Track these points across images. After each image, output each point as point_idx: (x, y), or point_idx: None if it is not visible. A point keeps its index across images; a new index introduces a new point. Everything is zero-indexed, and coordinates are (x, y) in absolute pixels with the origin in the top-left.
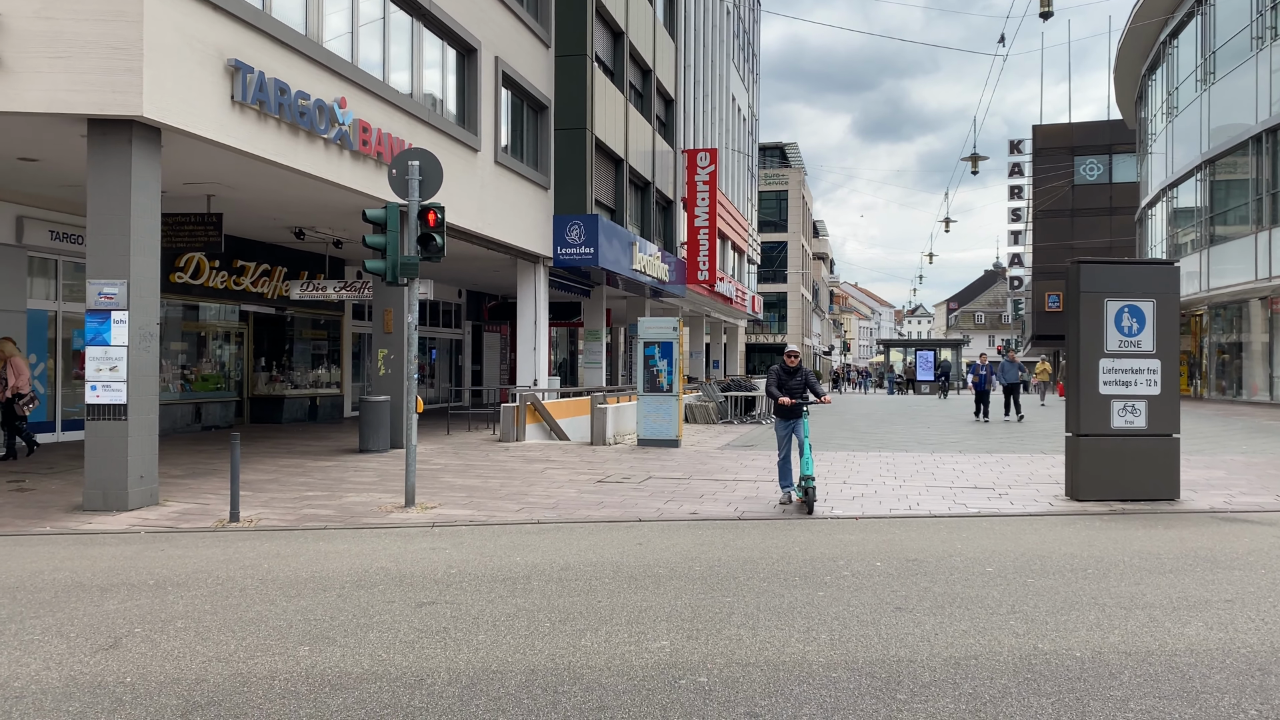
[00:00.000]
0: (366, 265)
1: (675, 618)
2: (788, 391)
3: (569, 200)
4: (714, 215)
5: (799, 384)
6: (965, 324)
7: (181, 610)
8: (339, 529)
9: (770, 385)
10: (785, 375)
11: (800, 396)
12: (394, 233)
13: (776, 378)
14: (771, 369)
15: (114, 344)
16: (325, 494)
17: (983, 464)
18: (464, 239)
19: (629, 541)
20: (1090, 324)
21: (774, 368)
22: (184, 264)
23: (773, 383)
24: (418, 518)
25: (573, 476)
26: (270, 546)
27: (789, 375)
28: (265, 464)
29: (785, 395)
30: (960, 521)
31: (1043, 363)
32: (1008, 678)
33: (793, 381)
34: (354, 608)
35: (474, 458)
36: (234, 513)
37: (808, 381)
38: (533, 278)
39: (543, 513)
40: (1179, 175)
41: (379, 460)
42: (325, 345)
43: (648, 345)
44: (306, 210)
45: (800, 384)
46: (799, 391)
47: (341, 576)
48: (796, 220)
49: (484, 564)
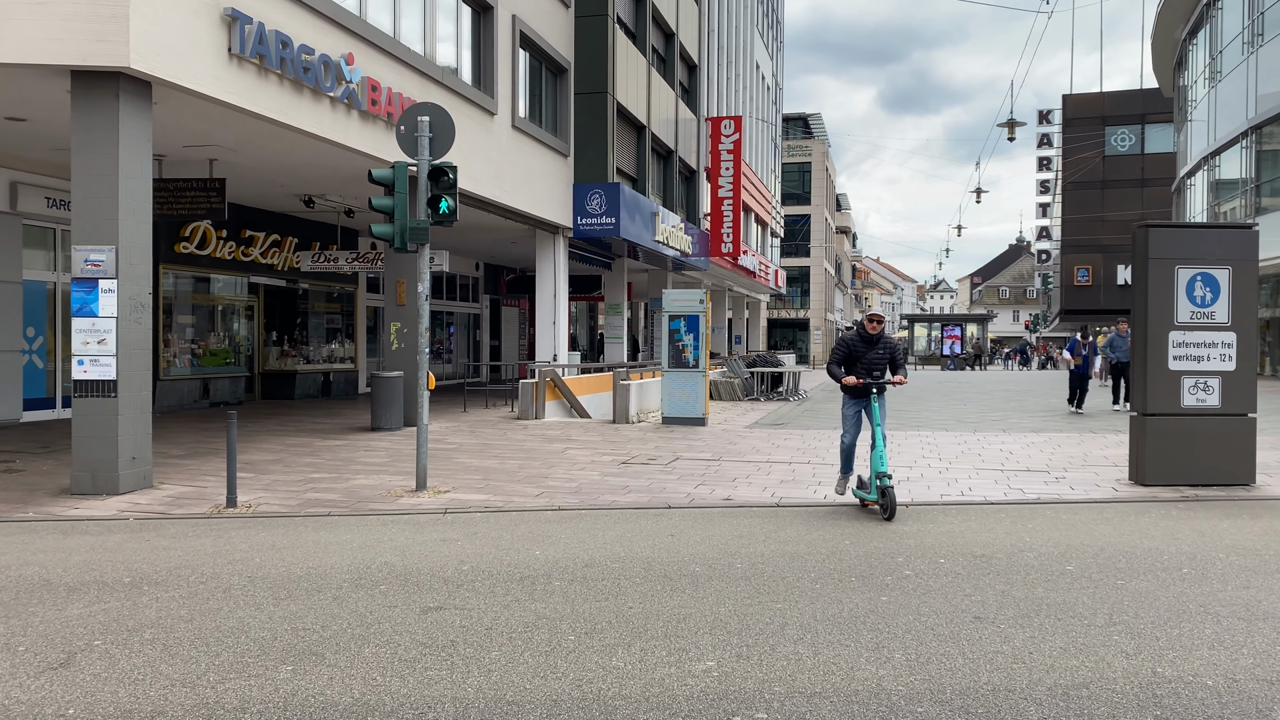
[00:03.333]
0: (373, 230)
1: (720, 629)
2: (864, 366)
3: (589, 168)
4: (738, 185)
5: (879, 357)
6: (990, 299)
7: (153, 617)
8: (343, 516)
9: (833, 361)
10: (862, 346)
11: (876, 374)
12: (402, 195)
13: (846, 349)
14: (842, 337)
15: (102, 315)
16: (332, 476)
17: (1031, 444)
18: (480, 207)
19: (659, 532)
20: (1159, 294)
21: (845, 335)
22: (190, 234)
23: (838, 357)
24: (429, 503)
25: (595, 457)
26: (266, 536)
27: (867, 345)
28: (271, 443)
29: (857, 372)
30: (1021, 510)
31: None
32: (1133, 716)
33: (872, 354)
34: (350, 614)
35: (491, 436)
36: (230, 498)
37: (893, 356)
38: (552, 249)
39: (564, 498)
40: (1222, 143)
41: (391, 439)
42: (339, 319)
43: (673, 319)
44: (315, 176)
45: (882, 357)
46: (878, 367)
47: (340, 574)
48: (820, 193)
49: (499, 559)
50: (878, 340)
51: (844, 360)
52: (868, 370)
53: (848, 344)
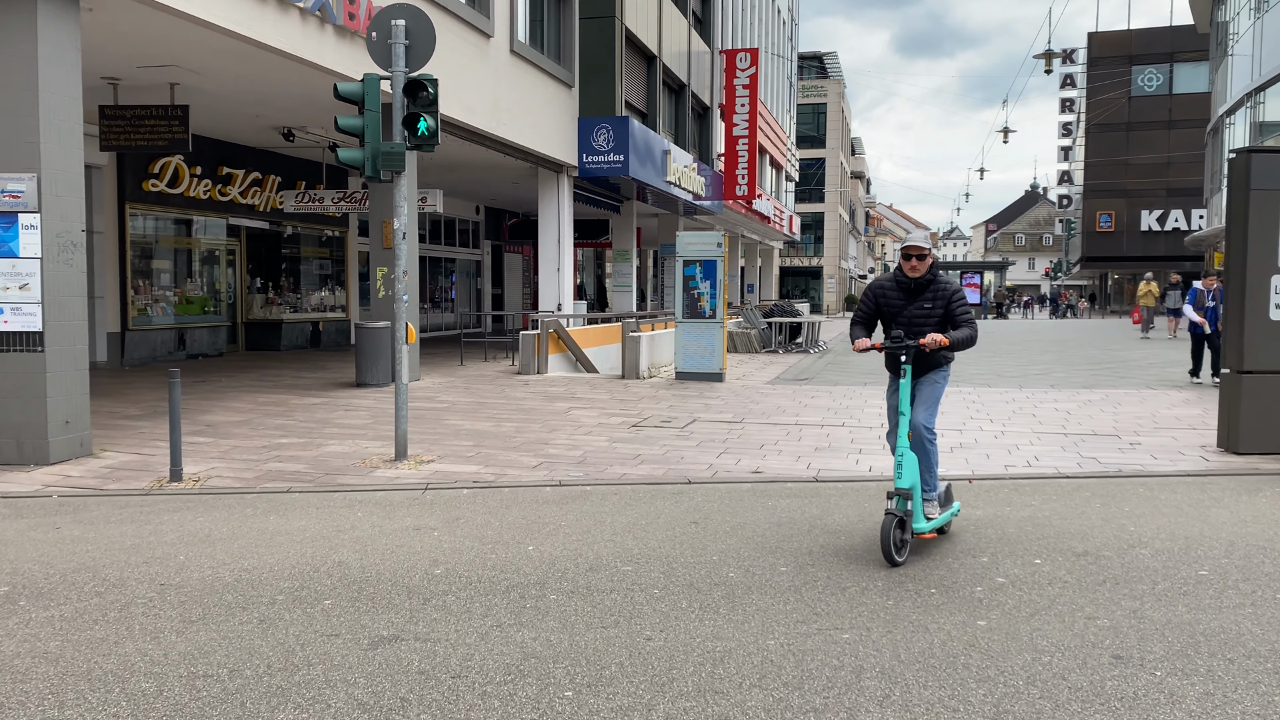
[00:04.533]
0: (339, 155)
1: (772, 679)
2: (905, 328)
3: (596, 101)
4: (754, 124)
5: (925, 314)
6: (1005, 246)
7: (7, 655)
8: (305, 492)
9: (855, 318)
10: (897, 295)
11: (912, 337)
12: (374, 113)
13: (873, 301)
14: (872, 284)
15: (24, 255)
16: (302, 441)
17: (1087, 403)
18: (476, 141)
19: (679, 518)
20: (1262, 231)
21: (876, 282)
22: (159, 170)
23: (862, 313)
24: (408, 476)
25: (602, 419)
26: (203, 522)
27: (905, 296)
28: (243, 401)
29: (886, 335)
30: (1106, 487)
31: (1147, 283)
32: None
33: (913, 309)
34: (274, 649)
35: (488, 394)
36: (174, 470)
37: (950, 309)
38: (556, 190)
39: (566, 469)
40: (1268, 78)
41: (376, 397)
42: (329, 265)
43: (688, 264)
44: (292, 105)
45: (929, 313)
46: (922, 328)
47: (279, 580)
48: (835, 136)
49: (482, 558)
50: (924, 287)
51: (869, 318)
52: (909, 333)
53: (875, 294)
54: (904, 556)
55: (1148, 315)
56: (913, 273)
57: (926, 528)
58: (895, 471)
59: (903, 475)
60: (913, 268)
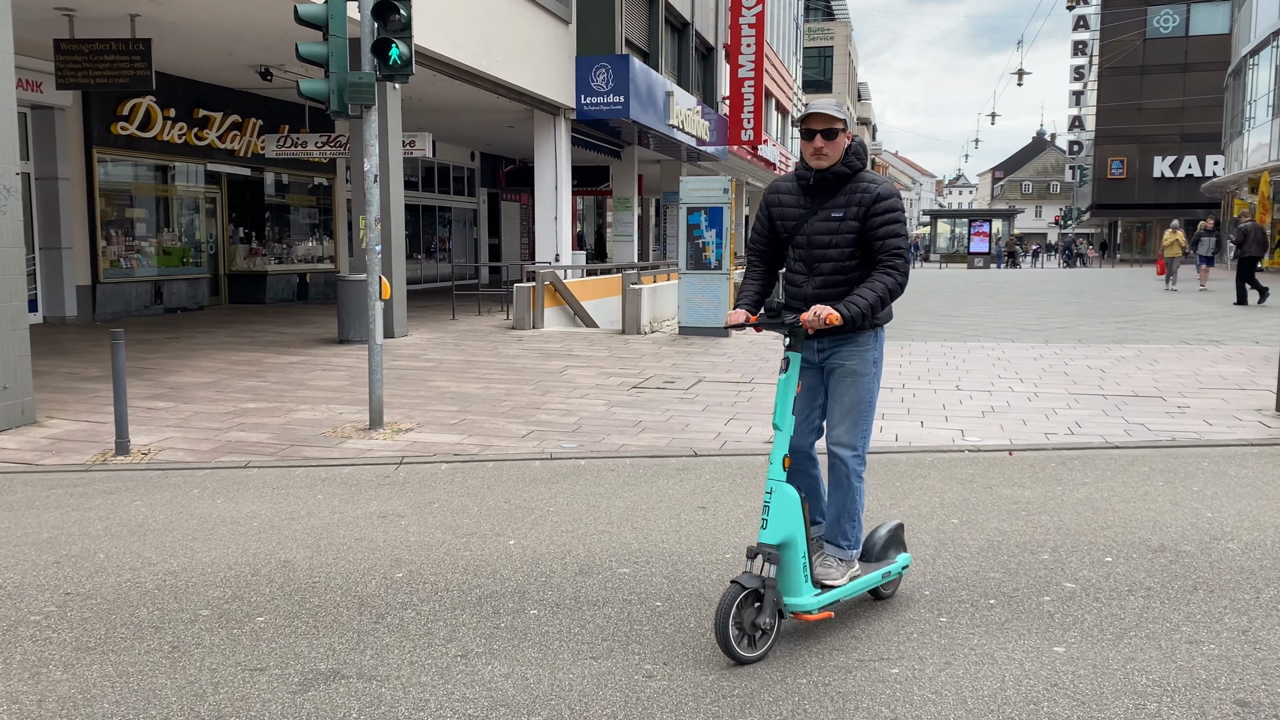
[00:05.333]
0: (301, 88)
1: None
2: (802, 260)
3: (594, 38)
4: (760, 65)
5: (827, 231)
6: (1012, 194)
7: None
8: (264, 468)
9: (752, 243)
10: (796, 201)
11: (813, 270)
12: (339, 39)
13: (768, 217)
14: (769, 187)
15: None
16: (271, 406)
17: (1121, 359)
18: (467, 80)
19: (685, 501)
20: None
21: (774, 183)
22: (128, 112)
23: (759, 235)
24: (381, 447)
25: (600, 379)
26: (140, 507)
27: (808, 201)
28: (214, 359)
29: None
30: (1163, 459)
31: (1173, 232)
32: None
33: (816, 221)
34: (179, 691)
35: (478, 351)
36: (120, 443)
37: (868, 225)
38: (552, 133)
39: (558, 439)
40: None
41: (358, 355)
42: (316, 213)
43: (692, 211)
44: (265, 40)
45: (835, 229)
46: (818, 250)
47: (208, 587)
48: (842, 80)
49: (454, 555)
50: (835, 185)
51: (769, 245)
52: (807, 267)
53: (769, 203)
54: (761, 650)
55: (1173, 266)
56: (817, 160)
57: (812, 605)
58: (763, 515)
59: (770, 522)
60: (817, 151)
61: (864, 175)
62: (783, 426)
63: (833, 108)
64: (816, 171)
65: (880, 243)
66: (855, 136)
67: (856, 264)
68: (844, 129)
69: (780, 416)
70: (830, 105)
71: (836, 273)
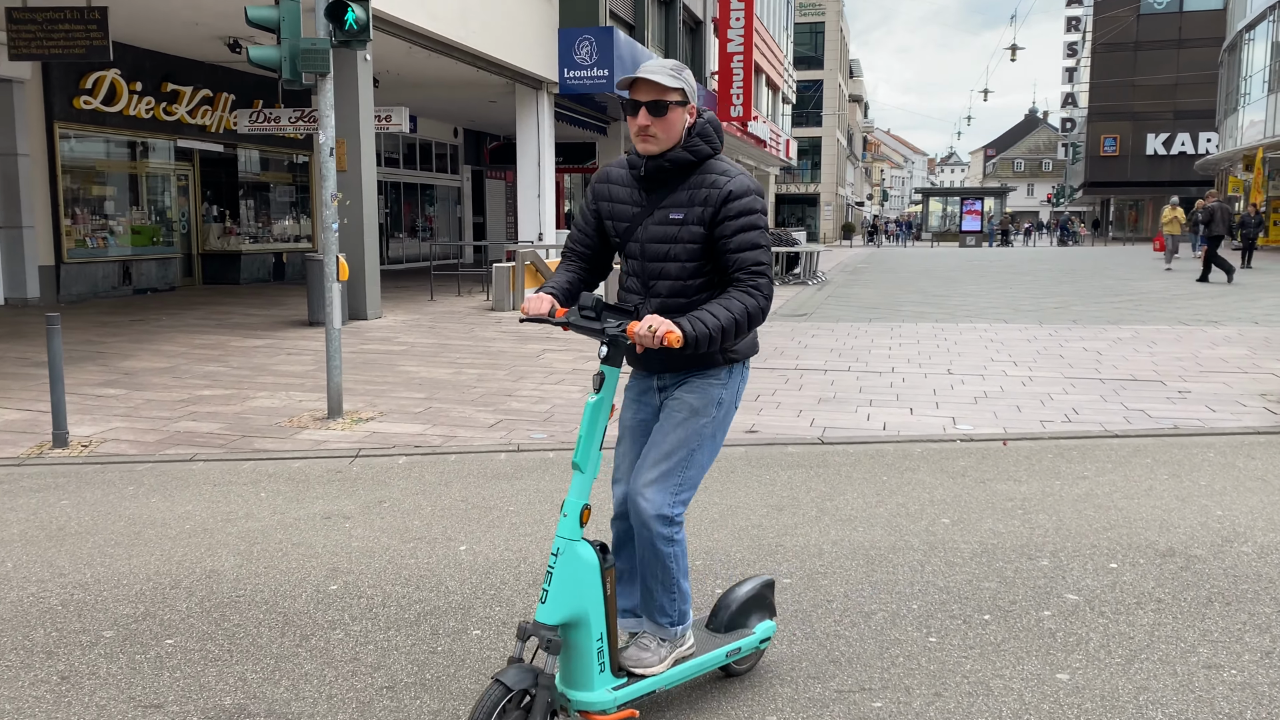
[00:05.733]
0: (249, 54)
1: None
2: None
3: (577, 10)
4: (749, 40)
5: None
6: (1004, 172)
7: None
8: (210, 461)
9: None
10: (630, 196)
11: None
12: (291, 2)
13: (595, 204)
14: (597, 175)
15: None
16: (228, 394)
17: (1117, 341)
18: (444, 53)
19: None
20: None
21: (604, 170)
22: (92, 86)
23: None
24: (338, 439)
25: (578, 364)
26: (66, 506)
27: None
28: (176, 343)
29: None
30: (1165, 449)
31: (1172, 209)
32: None
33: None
34: None
35: (453, 334)
36: (57, 434)
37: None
38: (535, 108)
39: (527, 429)
40: None
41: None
42: (293, 191)
43: None
44: (230, 9)
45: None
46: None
47: (120, 602)
48: (834, 56)
49: (398, 564)
50: (677, 175)
51: (591, 241)
52: (642, 284)
53: (597, 194)
54: None
55: (1172, 244)
56: (644, 143)
57: (608, 703)
58: (544, 585)
59: (550, 594)
60: (642, 131)
61: (713, 165)
62: (584, 467)
63: (665, 73)
64: (648, 159)
65: (733, 256)
66: (704, 112)
67: (703, 282)
68: (682, 101)
69: (582, 454)
70: (662, 69)
71: (677, 294)
